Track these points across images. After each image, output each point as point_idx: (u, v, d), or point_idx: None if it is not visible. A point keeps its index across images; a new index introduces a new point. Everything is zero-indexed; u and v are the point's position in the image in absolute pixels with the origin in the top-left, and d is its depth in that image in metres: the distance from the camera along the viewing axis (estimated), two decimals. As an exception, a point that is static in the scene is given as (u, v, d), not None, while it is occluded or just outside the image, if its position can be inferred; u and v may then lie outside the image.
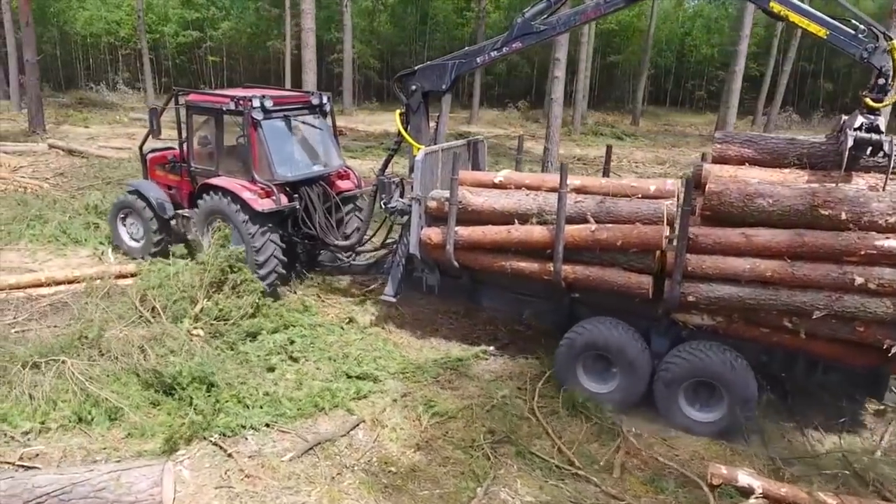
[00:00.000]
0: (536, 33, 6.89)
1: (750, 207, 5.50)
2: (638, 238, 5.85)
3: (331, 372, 6.56)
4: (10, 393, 5.48)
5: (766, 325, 5.78)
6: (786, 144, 6.11)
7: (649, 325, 6.25)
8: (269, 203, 8.03)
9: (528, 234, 6.30)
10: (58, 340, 6.43)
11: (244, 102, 8.05)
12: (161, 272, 7.73)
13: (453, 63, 7.35)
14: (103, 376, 5.82)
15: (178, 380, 5.64)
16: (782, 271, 5.41)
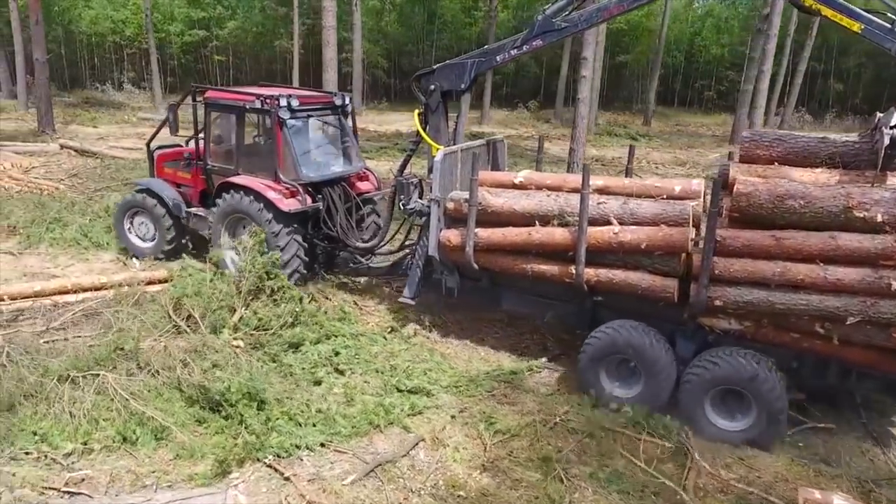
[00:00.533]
0: (557, 31, 6.75)
1: (780, 209, 5.27)
2: (663, 240, 5.69)
3: (380, 386, 6.22)
4: (49, 410, 5.13)
5: (796, 331, 5.58)
6: (817, 143, 5.89)
7: (674, 329, 6.06)
8: (294, 203, 7.89)
9: (550, 236, 6.15)
10: (92, 352, 6.08)
11: (271, 101, 7.87)
12: (194, 279, 7.41)
13: (473, 62, 7.23)
14: (144, 392, 5.47)
15: (227, 396, 5.28)
16: (814, 275, 5.20)
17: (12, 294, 7.51)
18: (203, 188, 9.06)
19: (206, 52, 40.03)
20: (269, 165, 8.15)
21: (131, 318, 6.96)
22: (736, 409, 5.72)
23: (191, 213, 8.99)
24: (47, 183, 13.25)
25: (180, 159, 9.28)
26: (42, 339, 6.71)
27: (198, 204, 9.08)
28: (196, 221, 8.97)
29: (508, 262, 6.50)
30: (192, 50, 39.85)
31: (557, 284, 6.30)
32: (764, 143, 5.96)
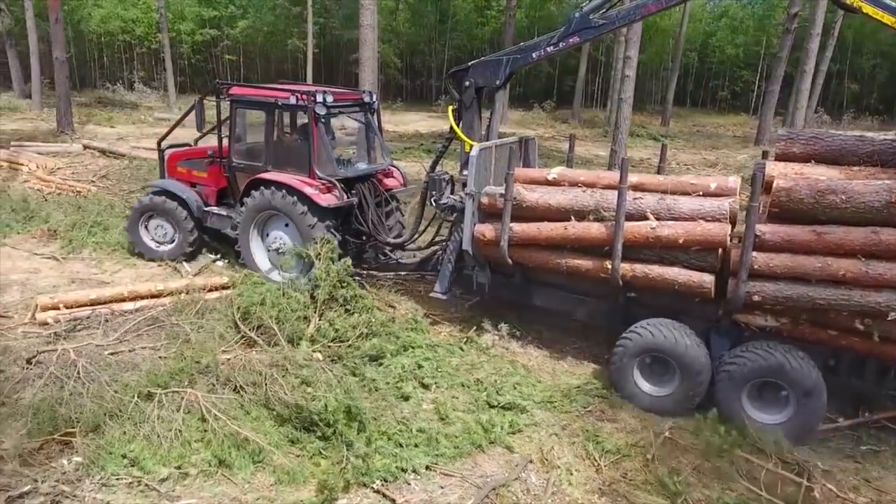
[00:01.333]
0: (595, 28, 6.75)
1: (821, 204, 5.25)
2: (702, 235, 5.67)
3: (469, 401, 5.89)
4: (137, 431, 4.79)
5: (834, 327, 5.54)
6: (855, 141, 5.84)
7: (708, 327, 6.01)
8: (332, 199, 7.85)
9: (586, 231, 6.13)
10: (167, 366, 5.77)
11: (308, 97, 7.80)
12: (261, 288, 7.09)
13: (508, 58, 7.21)
14: (231, 410, 5.14)
15: (323, 415, 4.94)
16: (856, 270, 5.16)
17: (68, 302, 7.15)
18: (221, 186, 8.91)
19: (216, 52, 39.72)
20: (301, 161, 8.07)
21: (195, 328, 6.67)
22: (773, 402, 5.64)
23: (210, 213, 8.87)
24: (79, 184, 12.90)
25: (195, 158, 9.08)
26: (105, 350, 6.37)
27: (214, 203, 9.00)
28: (217, 220, 8.85)
29: (543, 256, 6.48)
30: (202, 49, 39.57)
31: (592, 280, 6.27)
32: (801, 141, 5.95)
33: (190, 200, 8.82)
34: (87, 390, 5.16)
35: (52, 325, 6.95)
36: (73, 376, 5.59)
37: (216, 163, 8.68)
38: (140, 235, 9.18)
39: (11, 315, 7.30)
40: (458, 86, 7.52)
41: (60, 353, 6.03)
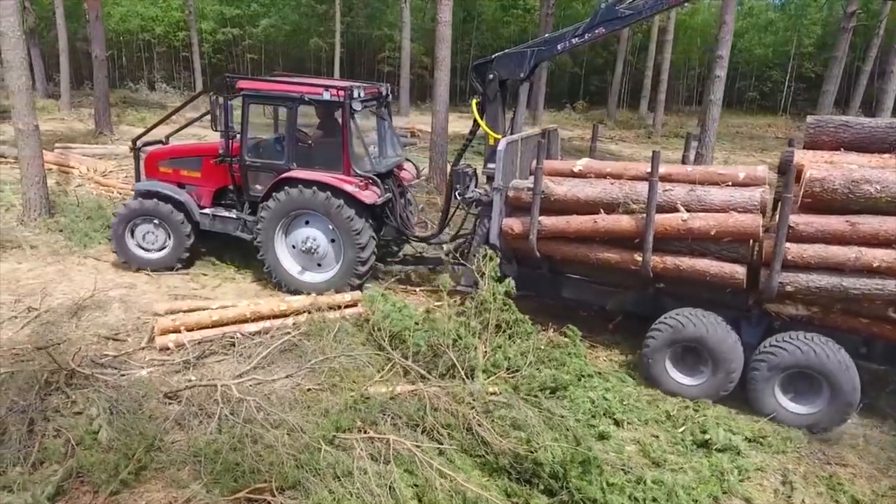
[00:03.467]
0: (621, 18, 6.63)
1: (855, 193, 5.19)
2: (734, 227, 5.61)
3: (672, 441, 5.23)
4: (344, 488, 4.11)
5: (867, 316, 5.59)
6: (885, 129, 5.75)
7: (739, 316, 5.99)
8: (373, 196, 7.62)
9: (616, 224, 6.05)
10: (327, 402, 5.11)
11: (343, 92, 7.43)
12: (400, 308, 6.45)
13: (532, 51, 7.10)
14: (433, 458, 4.46)
15: (551, 466, 4.26)
16: (890, 260, 5.14)
17: (189, 324, 6.48)
18: (219, 187, 8.35)
19: (237, 51, 39.03)
20: (332, 158, 7.70)
21: (336, 355, 6.02)
22: (807, 393, 5.58)
23: (210, 215, 8.29)
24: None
25: (184, 157, 8.50)
26: (243, 379, 5.70)
27: (210, 204, 8.40)
28: (219, 223, 8.31)
29: (571, 249, 6.44)
30: (223, 48, 38.87)
31: (621, 272, 6.21)
32: (829, 128, 5.88)
33: (187, 203, 8.23)
34: (249, 433, 4.49)
35: (174, 349, 6.31)
36: (229, 415, 4.95)
37: (226, 162, 7.98)
38: (126, 243, 8.37)
39: (125, 338, 6.64)
40: (481, 79, 7.37)
41: (206, 387, 5.39)
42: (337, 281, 7.72)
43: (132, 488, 4.31)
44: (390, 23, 37.74)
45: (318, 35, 36.54)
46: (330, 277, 7.77)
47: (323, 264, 7.90)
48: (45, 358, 5.92)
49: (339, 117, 7.78)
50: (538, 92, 29.28)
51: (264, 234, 7.81)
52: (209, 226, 8.36)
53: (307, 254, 7.84)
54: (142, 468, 4.44)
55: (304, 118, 8.35)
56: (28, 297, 7.53)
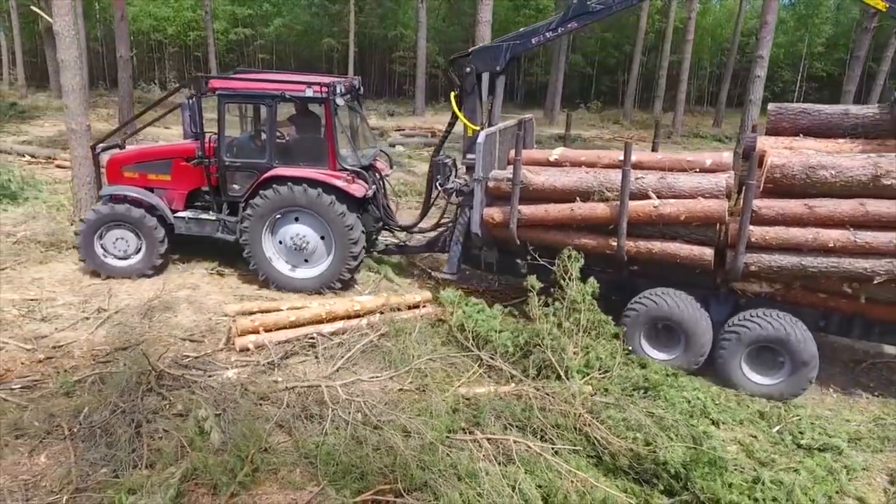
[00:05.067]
0: (592, 13, 6.88)
1: (812, 179, 5.54)
2: (702, 212, 5.93)
3: (771, 440, 5.22)
4: (474, 489, 4.08)
5: (824, 291, 5.95)
6: (840, 115, 6.17)
7: (708, 294, 6.32)
8: (361, 189, 7.73)
9: (592, 211, 6.33)
10: (432, 405, 5.08)
11: (325, 89, 7.42)
12: (474, 308, 6.43)
13: (508, 44, 7.31)
14: (546, 459, 4.44)
15: (674, 467, 4.25)
16: (845, 240, 5.51)
17: (268, 325, 6.46)
18: (191, 189, 8.21)
19: (249, 51, 38.99)
20: (315, 154, 7.75)
21: (420, 355, 6.00)
22: (769, 364, 5.96)
23: (186, 219, 8.13)
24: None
25: (151, 160, 8.26)
26: (333, 381, 5.68)
27: (183, 207, 8.25)
28: (195, 226, 8.15)
29: (550, 236, 6.66)
30: (235, 48, 38.83)
31: (598, 257, 6.47)
32: (789, 115, 6.27)
33: (160, 207, 8.04)
34: (359, 434, 4.47)
35: (253, 350, 6.29)
36: (342, 415, 4.93)
37: (203, 163, 7.87)
38: (94, 251, 8.04)
39: (200, 339, 6.62)
40: (458, 72, 7.50)
41: (309, 388, 5.37)
42: (329, 276, 7.79)
43: (249, 490, 4.29)
44: (403, 22, 37.73)
45: (331, 35, 36.48)
46: (321, 273, 7.82)
47: (311, 260, 7.90)
48: (128, 359, 5.91)
49: (319, 113, 7.83)
50: (555, 93, 29.33)
51: (251, 234, 7.74)
52: (185, 229, 8.17)
53: (296, 251, 7.83)
54: (255, 469, 4.42)
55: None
56: (94, 298, 7.52)
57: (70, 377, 5.54)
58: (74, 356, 6.11)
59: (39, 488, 4.29)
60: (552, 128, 26.90)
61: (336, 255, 7.71)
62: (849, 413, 5.87)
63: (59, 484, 4.31)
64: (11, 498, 4.15)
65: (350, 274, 7.87)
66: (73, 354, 6.13)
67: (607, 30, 39.09)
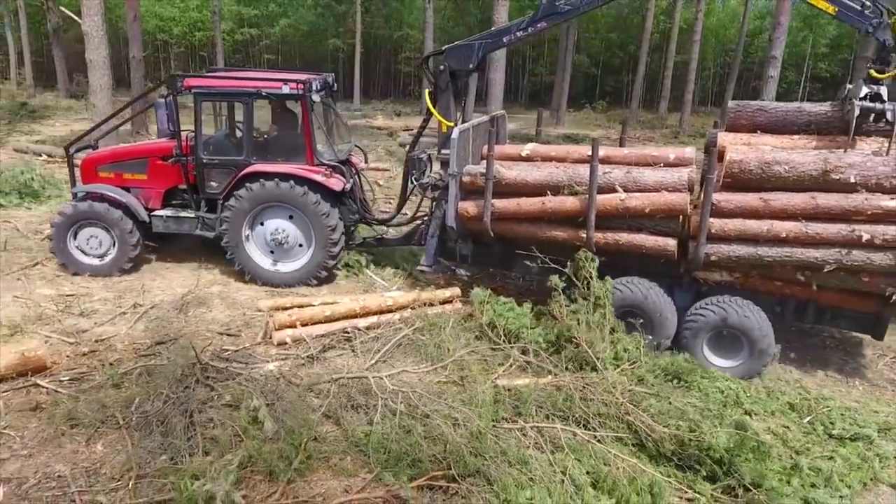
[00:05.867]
0: (561, 13, 7.09)
1: (768, 174, 5.90)
2: (665, 205, 6.21)
3: (803, 430, 5.36)
4: (525, 475, 4.21)
5: (779, 279, 6.29)
6: (794, 112, 6.54)
7: (672, 283, 6.66)
8: (338, 183, 7.94)
9: (562, 205, 6.56)
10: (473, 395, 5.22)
11: (301, 86, 7.59)
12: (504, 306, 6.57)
13: (480, 43, 7.50)
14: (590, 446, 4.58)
15: (716, 452, 4.38)
16: (797, 231, 5.86)
17: (304, 319, 6.60)
18: (169, 187, 8.27)
19: (254, 51, 39.13)
20: (293, 150, 7.94)
21: (453, 349, 6.14)
22: (729, 348, 6.35)
23: (164, 217, 8.19)
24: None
25: (127, 160, 8.30)
26: (372, 375, 5.80)
27: (160, 206, 8.31)
28: (173, 224, 8.24)
29: (522, 229, 6.89)
30: (241, 49, 38.94)
31: (568, 248, 6.63)
32: (748, 112, 6.63)
33: (133, 206, 8.05)
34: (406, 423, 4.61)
35: (290, 344, 6.42)
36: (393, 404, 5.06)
37: (181, 161, 7.94)
38: (68, 248, 8.06)
39: (237, 333, 6.75)
40: (432, 70, 7.66)
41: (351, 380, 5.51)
42: (310, 270, 7.98)
43: (304, 476, 4.42)
44: (409, 23, 37.87)
45: (336, 35, 36.63)
46: (301, 266, 8.00)
47: (292, 254, 8.06)
48: (172, 352, 6.06)
49: (295, 109, 7.97)
50: (562, 93, 29.44)
51: (231, 230, 7.86)
52: (164, 227, 8.25)
53: (276, 245, 7.99)
54: (308, 457, 4.55)
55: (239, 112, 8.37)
56: (128, 294, 7.66)
57: (117, 370, 5.66)
58: (117, 349, 6.24)
59: (100, 475, 4.42)
60: (559, 128, 27.02)
61: (316, 249, 7.88)
62: (876, 404, 6.01)
63: (118, 471, 4.44)
64: (75, 484, 4.28)
65: (330, 268, 8.04)
66: (116, 348, 6.26)
67: (612, 30, 39.25)
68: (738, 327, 6.19)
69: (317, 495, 4.26)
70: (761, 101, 9.19)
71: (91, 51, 9.20)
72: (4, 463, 4.48)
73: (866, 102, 5.88)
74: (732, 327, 6.22)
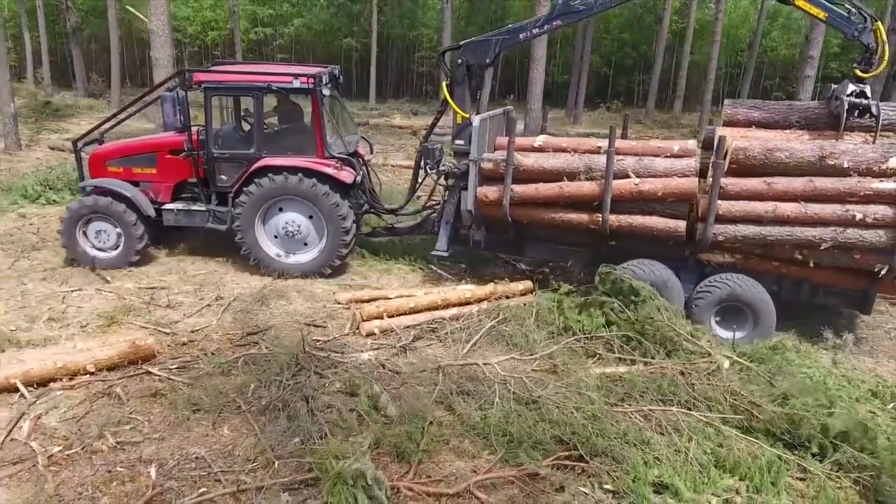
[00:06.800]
0: (576, 13, 7.46)
1: (770, 160, 6.42)
2: (677, 188, 6.68)
3: (892, 416, 5.55)
4: (651, 455, 4.40)
5: (777, 259, 6.81)
6: (785, 109, 7.14)
7: (678, 265, 7.04)
8: (350, 175, 8.09)
9: (579, 189, 6.96)
10: (578, 381, 5.41)
11: (311, 79, 7.71)
12: (572, 311, 6.74)
13: (497, 39, 7.77)
14: (703, 428, 4.77)
15: (830, 432, 4.57)
16: (798, 211, 6.38)
17: (391, 311, 6.78)
18: (178, 181, 8.36)
19: (268, 51, 39.25)
20: (304, 143, 8.09)
21: (544, 340, 6.33)
22: (735, 321, 6.78)
23: (174, 210, 8.28)
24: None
25: (135, 154, 8.38)
26: (467, 365, 5.99)
27: (170, 199, 8.40)
28: (184, 217, 8.33)
29: (539, 213, 7.24)
30: (255, 48, 39.03)
31: (579, 232, 7.17)
32: (743, 109, 7.22)
33: (139, 201, 8.08)
34: (517, 407, 4.81)
35: (378, 335, 6.60)
36: (509, 391, 5.26)
37: (191, 156, 8.06)
38: (77, 241, 8.18)
39: (323, 324, 6.92)
40: (450, 64, 7.86)
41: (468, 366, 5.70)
42: (321, 261, 8.12)
43: (431, 457, 4.60)
44: (423, 22, 38.02)
45: (350, 34, 36.78)
46: (314, 258, 8.14)
47: (305, 246, 8.19)
48: (267, 342, 6.24)
49: (302, 103, 8.17)
50: (579, 93, 29.63)
51: (244, 223, 7.97)
52: (174, 221, 8.33)
53: (288, 237, 8.12)
54: (430, 440, 4.74)
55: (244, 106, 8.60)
56: (205, 287, 7.83)
57: (221, 358, 5.85)
58: (213, 339, 6.42)
59: (234, 457, 4.59)
60: (576, 127, 27.18)
61: (329, 241, 8.01)
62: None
63: (251, 453, 4.61)
64: (216, 465, 4.46)
65: (342, 259, 8.19)
66: (212, 338, 6.44)
67: (624, 30, 39.42)
68: (744, 301, 6.67)
69: (448, 475, 4.44)
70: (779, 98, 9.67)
71: (157, 49, 9.39)
72: (140, 446, 4.66)
73: (853, 98, 6.51)
74: (740, 300, 6.68)
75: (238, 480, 4.29)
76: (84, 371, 5.49)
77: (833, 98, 6.78)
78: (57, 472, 4.34)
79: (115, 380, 5.49)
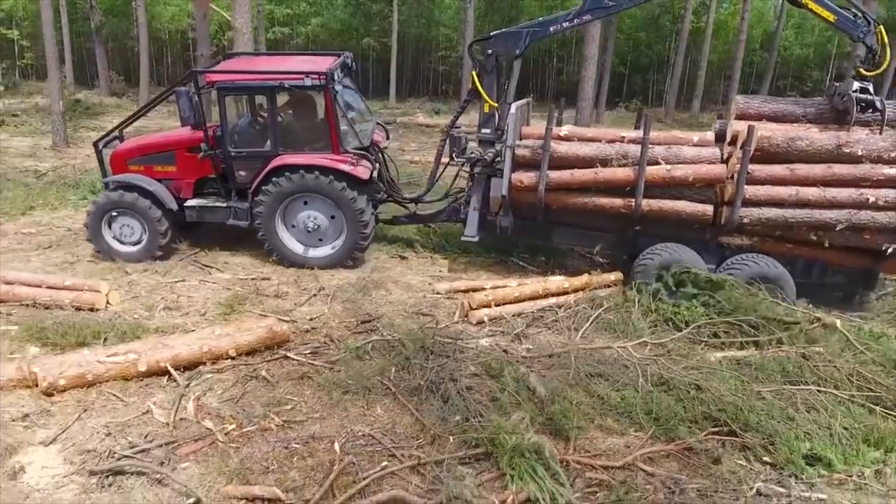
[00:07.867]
0: (605, 8, 7.70)
1: (792, 147, 6.98)
2: (707, 174, 7.16)
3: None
4: (800, 430, 4.66)
5: (792, 241, 7.35)
6: (793, 104, 7.72)
7: (700, 248, 7.52)
8: (366, 171, 8.17)
9: (613, 175, 7.33)
10: (698, 365, 5.67)
11: (322, 76, 7.72)
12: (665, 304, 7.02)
13: (528, 31, 7.98)
14: (836, 407, 5.03)
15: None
16: (818, 195, 6.95)
17: (497, 300, 7.02)
18: (198, 178, 8.47)
19: (286, 50, 39.43)
20: (319, 139, 8.16)
21: (643, 325, 6.60)
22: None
23: (196, 207, 8.39)
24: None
25: (156, 153, 8.46)
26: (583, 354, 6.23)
27: (192, 196, 8.52)
28: (208, 213, 8.45)
29: (572, 198, 7.59)
30: (272, 48, 39.16)
31: (612, 216, 7.57)
32: (755, 104, 7.68)
33: (162, 195, 8.22)
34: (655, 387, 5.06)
35: (487, 322, 6.84)
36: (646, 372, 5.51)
37: (209, 155, 8.16)
38: (103, 235, 8.32)
39: (429, 313, 7.15)
40: (480, 54, 8.09)
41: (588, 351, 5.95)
42: (342, 254, 8.29)
43: (584, 434, 4.85)
44: (442, 21, 38.25)
45: (368, 34, 37.01)
46: (333, 252, 8.31)
47: (324, 239, 8.35)
48: (386, 329, 6.47)
49: (316, 97, 8.20)
50: (601, 92, 29.90)
51: (265, 219, 8.13)
52: (196, 217, 8.44)
53: (308, 232, 8.27)
54: (580, 417, 4.98)
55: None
56: (302, 278, 8.05)
57: (353, 344, 6.08)
58: (332, 326, 6.65)
59: (398, 434, 4.83)
60: (595, 126, 27.46)
61: (348, 235, 8.17)
62: None
63: (413, 430, 4.86)
64: (383, 441, 4.69)
65: (361, 251, 8.38)
66: (331, 325, 6.68)
67: (640, 29, 39.70)
68: (771, 278, 7.15)
69: (605, 450, 4.69)
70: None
71: (241, 46, 9.61)
72: (304, 424, 4.90)
73: (860, 94, 7.00)
74: (767, 278, 7.14)
75: (412, 455, 4.52)
76: (226, 355, 5.73)
77: (835, 94, 7.26)
78: (238, 448, 4.58)
79: (258, 363, 5.73)
